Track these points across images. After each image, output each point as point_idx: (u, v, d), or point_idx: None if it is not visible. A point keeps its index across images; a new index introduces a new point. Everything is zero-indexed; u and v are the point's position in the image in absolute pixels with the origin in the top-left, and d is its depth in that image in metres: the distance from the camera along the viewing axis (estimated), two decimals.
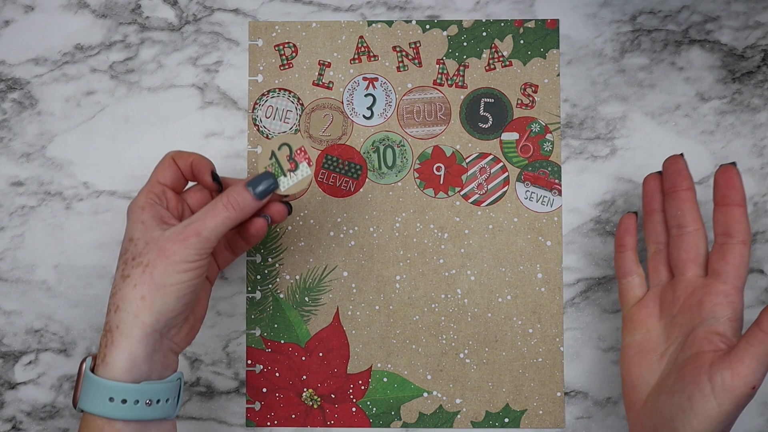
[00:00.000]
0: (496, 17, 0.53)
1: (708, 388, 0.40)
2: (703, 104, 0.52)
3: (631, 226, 0.48)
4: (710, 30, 0.52)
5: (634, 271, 0.47)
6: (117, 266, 0.42)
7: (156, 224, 0.42)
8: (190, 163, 0.45)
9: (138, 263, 0.41)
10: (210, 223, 0.41)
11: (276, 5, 0.53)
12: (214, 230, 0.41)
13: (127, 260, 0.41)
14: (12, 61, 0.53)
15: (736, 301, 0.43)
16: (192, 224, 0.41)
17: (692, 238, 0.45)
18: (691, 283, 0.44)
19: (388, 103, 0.53)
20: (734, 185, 0.44)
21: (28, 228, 0.53)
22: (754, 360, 0.39)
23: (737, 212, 0.43)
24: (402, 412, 0.52)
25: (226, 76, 0.53)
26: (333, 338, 0.52)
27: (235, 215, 0.42)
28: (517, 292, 0.52)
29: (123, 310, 0.40)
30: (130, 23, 0.53)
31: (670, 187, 0.46)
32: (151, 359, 0.40)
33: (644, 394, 0.44)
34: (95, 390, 0.39)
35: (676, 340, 0.44)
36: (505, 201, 0.53)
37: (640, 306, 0.46)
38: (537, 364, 0.52)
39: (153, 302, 0.40)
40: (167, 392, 0.41)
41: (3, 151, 0.53)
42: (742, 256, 0.43)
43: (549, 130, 0.53)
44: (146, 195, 0.43)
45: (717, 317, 0.42)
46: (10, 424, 0.52)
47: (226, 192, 0.43)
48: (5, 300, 0.53)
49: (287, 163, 0.44)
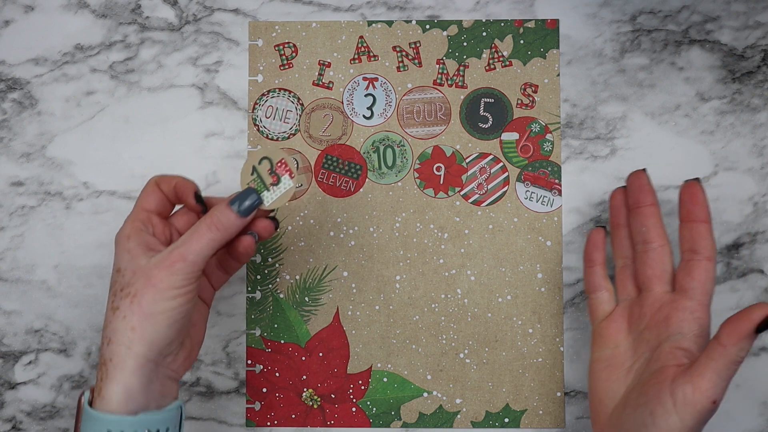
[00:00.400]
0: (496, 17, 0.53)
1: (670, 403, 0.40)
2: (703, 104, 0.53)
3: (599, 241, 0.48)
4: (710, 30, 0.53)
5: (603, 286, 0.48)
6: (108, 298, 0.42)
7: (142, 252, 0.41)
8: (174, 186, 0.44)
9: (126, 294, 0.40)
10: (195, 246, 0.40)
11: (276, 5, 0.53)
12: (200, 253, 0.41)
13: (116, 291, 0.41)
14: (12, 61, 0.53)
15: (702, 317, 0.43)
16: (177, 249, 0.40)
17: (657, 254, 0.45)
18: (658, 298, 0.45)
19: (388, 103, 0.53)
20: (699, 201, 0.44)
21: (28, 228, 0.53)
22: (714, 374, 0.39)
23: (702, 228, 0.44)
24: (402, 412, 0.52)
25: (226, 76, 0.53)
26: (333, 338, 0.52)
27: (219, 236, 0.41)
28: (517, 292, 0.52)
29: (115, 343, 0.40)
30: (130, 23, 0.53)
31: (634, 203, 0.46)
32: (147, 389, 0.40)
33: (610, 408, 0.44)
34: (93, 423, 0.39)
35: (643, 355, 0.44)
36: (505, 201, 0.53)
37: (609, 321, 0.46)
38: (537, 364, 0.52)
39: (144, 332, 0.39)
40: (166, 422, 0.41)
41: (3, 151, 0.53)
42: (708, 272, 0.43)
43: (549, 130, 0.53)
44: (132, 223, 0.42)
45: (683, 333, 0.42)
46: (10, 424, 0.52)
47: (209, 212, 0.42)
48: (5, 300, 0.53)
49: (269, 177, 0.43)
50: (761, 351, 0.52)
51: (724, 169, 0.52)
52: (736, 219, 0.52)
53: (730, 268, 0.52)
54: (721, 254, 0.52)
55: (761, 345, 0.52)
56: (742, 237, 0.52)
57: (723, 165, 0.52)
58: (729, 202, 0.52)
